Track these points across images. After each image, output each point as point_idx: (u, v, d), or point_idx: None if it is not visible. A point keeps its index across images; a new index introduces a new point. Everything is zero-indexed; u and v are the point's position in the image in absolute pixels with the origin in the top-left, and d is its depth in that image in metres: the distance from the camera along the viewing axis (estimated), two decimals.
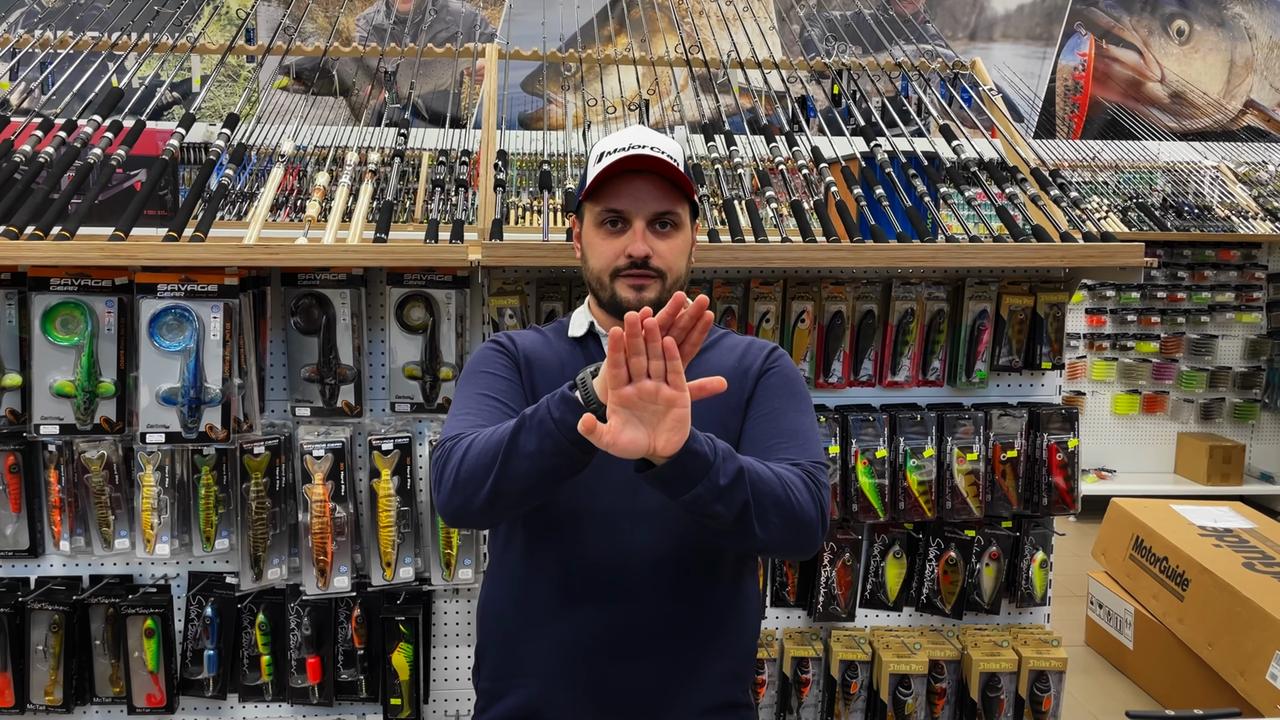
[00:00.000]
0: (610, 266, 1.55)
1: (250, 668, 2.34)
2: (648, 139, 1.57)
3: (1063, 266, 2.42)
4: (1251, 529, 3.78)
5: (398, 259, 2.16)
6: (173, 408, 2.12)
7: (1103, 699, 3.69)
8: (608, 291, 1.57)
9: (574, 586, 1.52)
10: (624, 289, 1.54)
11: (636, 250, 1.53)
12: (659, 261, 1.54)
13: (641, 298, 1.53)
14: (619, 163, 1.53)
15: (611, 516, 1.52)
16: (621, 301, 1.54)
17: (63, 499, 2.22)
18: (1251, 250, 6.00)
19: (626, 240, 1.54)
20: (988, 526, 2.47)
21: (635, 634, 1.51)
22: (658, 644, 1.52)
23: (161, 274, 2.11)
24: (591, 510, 1.52)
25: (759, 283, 2.40)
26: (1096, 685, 3.81)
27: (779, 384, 1.61)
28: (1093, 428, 6.03)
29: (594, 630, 1.51)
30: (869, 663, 2.45)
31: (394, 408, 2.32)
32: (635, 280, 1.54)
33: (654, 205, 1.55)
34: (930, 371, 2.49)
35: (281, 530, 2.30)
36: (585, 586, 1.52)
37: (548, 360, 1.63)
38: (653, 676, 1.52)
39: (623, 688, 1.51)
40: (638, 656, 1.51)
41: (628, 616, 1.51)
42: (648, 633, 1.51)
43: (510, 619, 1.59)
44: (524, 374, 1.61)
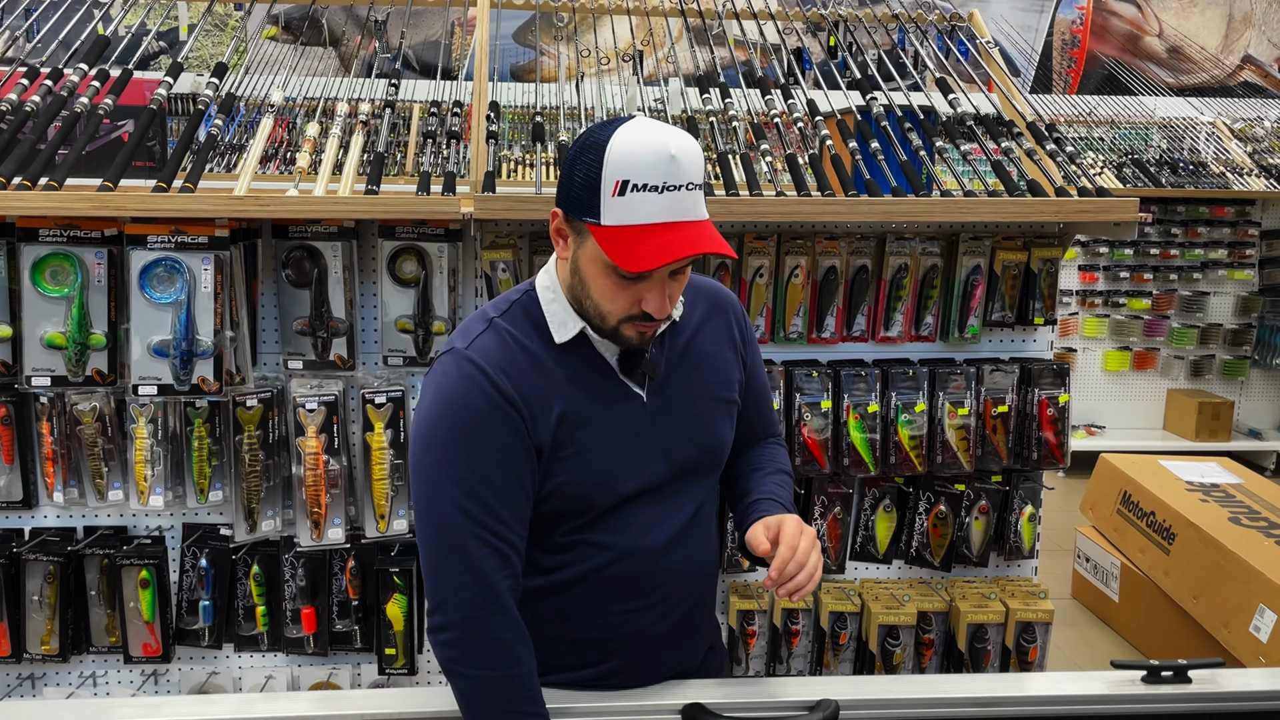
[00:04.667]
0: (622, 314, 1.35)
1: (245, 618, 2.36)
2: (680, 168, 1.28)
3: (1057, 222, 2.42)
4: (1238, 484, 3.82)
5: (390, 211, 2.15)
6: (164, 360, 2.12)
7: (1088, 650, 3.74)
8: (609, 329, 1.38)
9: (627, 587, 1.47)
10: (631, 332, 1.37)
11: (659, 312, 1.34)
12: (670, 306, 1.37)
13: (645, 339, 1.39)
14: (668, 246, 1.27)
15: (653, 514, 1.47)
16: (624, 341, 1.39)
17: (55, 451, 2.22)
18: (1245, 207, 6.00)
19: (643, 291, 1.33)
20: (977, 481, 2.49)
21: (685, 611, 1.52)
22: (700, 612, 1.56)
23: (151, 225, 2.10)
24: (635, 513, 1.46)
25: (753, 237, 2.39)
26: (1082, 637, 3.87)
27: (756, 350, 1.64)
28: (1083, 384, 6.06)
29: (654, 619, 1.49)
30: (858, 614, 2.48)
31: (386, 361, 2.31)
32: (646, 330, 1.38)
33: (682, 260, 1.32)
34: (923, 327, 2.49)
35: (275, 483, 2.30)
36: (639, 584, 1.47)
37: (546, 392, 1.38)
38: (695, 638, 1.57)
39: (673, 663, 1.53)
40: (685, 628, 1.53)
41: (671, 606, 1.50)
42: (694, 607, 1.54)
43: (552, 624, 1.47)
44: (525, 431, 1.36)
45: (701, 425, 1.51)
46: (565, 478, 1.40)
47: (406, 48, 2.64)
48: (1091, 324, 6.07)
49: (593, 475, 1.41)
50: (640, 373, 1.44)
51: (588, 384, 1.41)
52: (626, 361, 1.43)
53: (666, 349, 1.49)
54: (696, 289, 1.58)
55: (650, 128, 1.29)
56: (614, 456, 1.42)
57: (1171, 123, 6.42)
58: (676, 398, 1.48)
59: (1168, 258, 6.01)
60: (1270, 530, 3.34)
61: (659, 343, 1.48)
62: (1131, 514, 3.83)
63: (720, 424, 1.53)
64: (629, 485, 1.44)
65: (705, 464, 1.53)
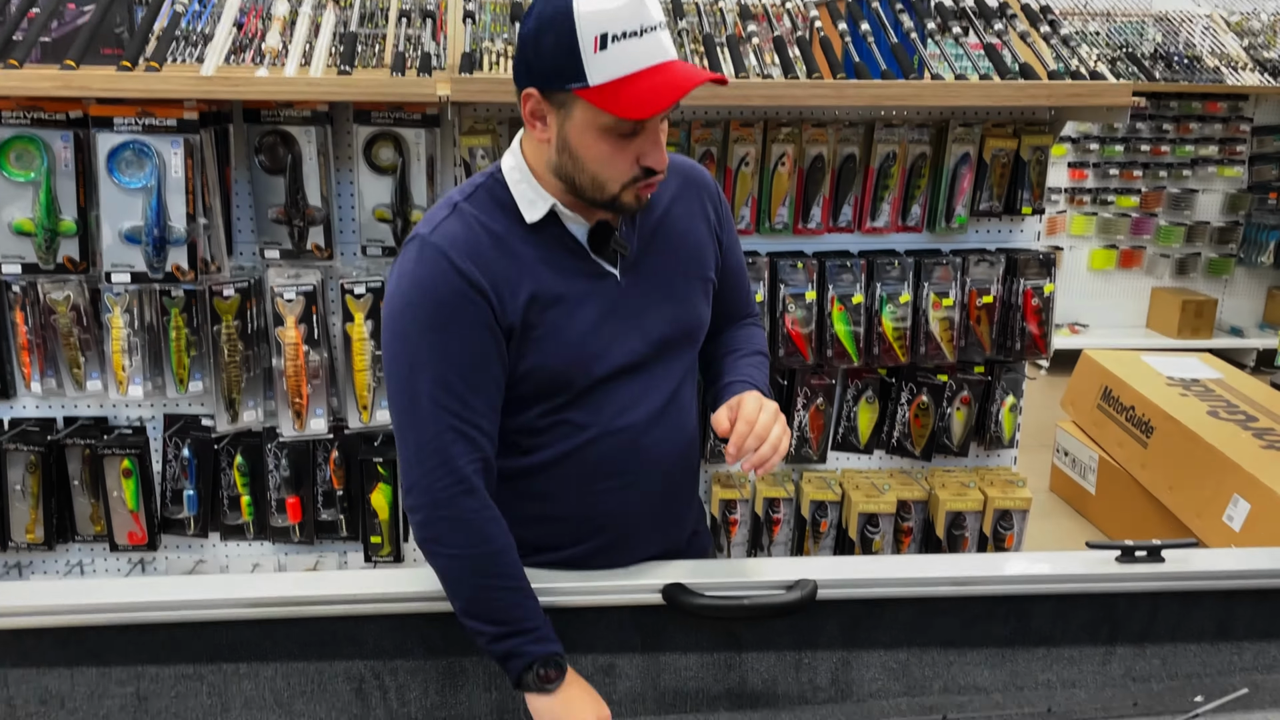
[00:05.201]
0: (625, 178, 1.32)
1: (230, 508, 2.37)
2: (652, 14, 1.26)
3: (1049, 106, 2.37)
4: (1218, 379, 3.85)
5: (363, 93, 2.08)
6: (136, 247, 2.08)
7: (1064, 540, 3.82)
8: (607, 198, 1.34)
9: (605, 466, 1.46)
10: (630, 197, 1.34)
11: (660, 164, 1.32)
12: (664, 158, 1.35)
13: (643, 200, 1.36)
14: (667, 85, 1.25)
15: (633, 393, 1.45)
16: (624, 207, 1.36)
17: (31, 340, 2.19)
18: (1238, 102, 5.91)
19: (641, 147, 1.30)
20: (960, 371, 2.49)
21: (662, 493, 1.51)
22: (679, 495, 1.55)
23: (117, 107, 2.03)
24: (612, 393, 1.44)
25: (738, 124, 2.33)
26: (1058, 527, 3.95)
27: (733, 229, 1.61)
28: (1069, 283, 6.05)
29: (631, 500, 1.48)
30: (839, 503, 2.51)
31: (365, 251, 2.28)
32: (648, 190, 1.35)
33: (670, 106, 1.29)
34: (910, 217, 2.46)
35: (255, 373, 2.29)
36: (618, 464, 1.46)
37: (512, 268, 1.36)
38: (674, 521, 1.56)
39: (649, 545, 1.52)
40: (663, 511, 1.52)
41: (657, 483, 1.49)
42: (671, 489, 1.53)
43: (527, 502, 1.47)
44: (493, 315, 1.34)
45: (677, 303, 1.48)
46: (539, 358, 1.38)
47: None
48: (1079, 222, 6.03)
49: (567, 355, 1.40)
50: (611, 250, 1.42)
51: (558, 264, 1.39)
52: (597, 239, 1.41)
53: (638, 226, 1.46)
54: (671, 169, 1.51)
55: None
56: (588, 335, 1.40)
57: (1168, 15, 6.28)
58: (650, 275, 1.46)
59: (1158, 154, 5.94)
60: (1247, 423, 3.38)
61: (629, 220, 1.45)
62: (1111, 409, 3.87)
63: (696, 301, 1.51)
64: (605, 364, 1.42)
65: (682, 342, 1.51)
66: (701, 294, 1.52)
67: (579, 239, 1.41)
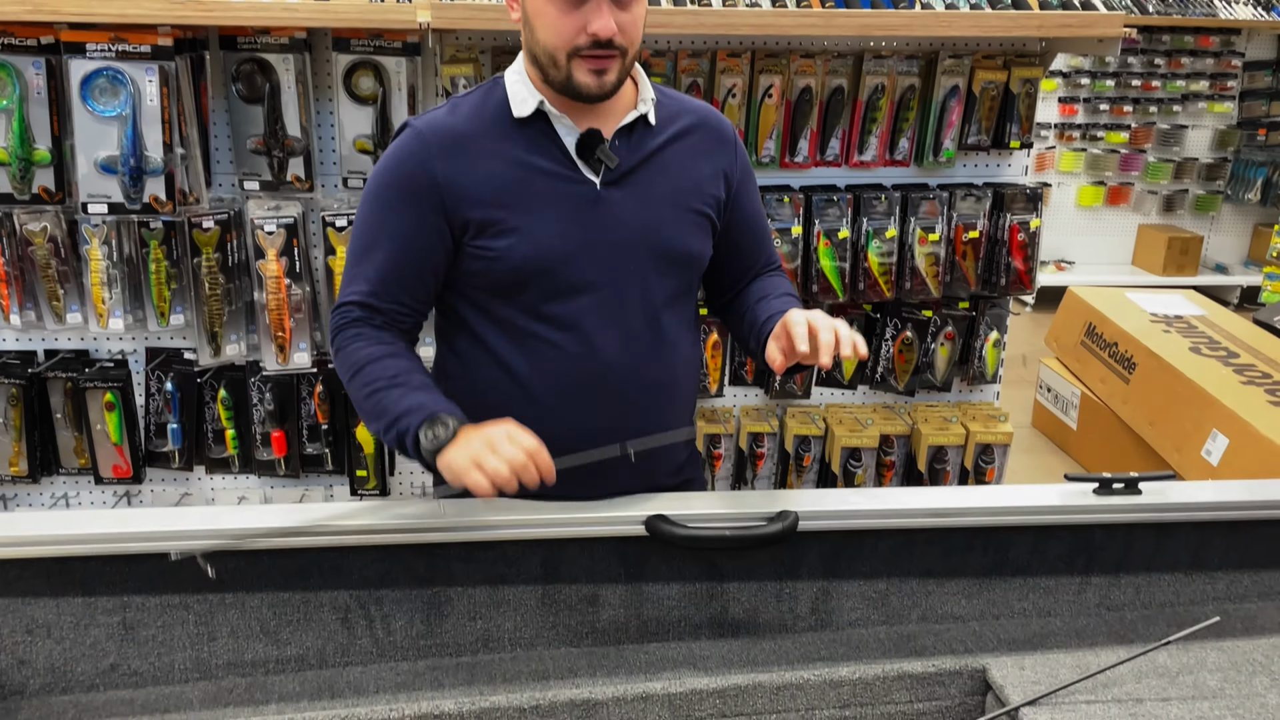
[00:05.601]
0: (569, 45, 1.34)
1: (215, 441, 2.37)
2: None
3: (1039, 37, 2.34)
4: (1201, 315, 3.87)
5: (342, 19, 2.04)
6: (113, 177, 2.04)
7: (1045, 474, 3.87)
8: (562, 72, 1.37)
9: (568, 378, 1.48)
10: (583, 73, 1.35)
11: (603, 29, 1.32)
12: (622, 39, 1.35)
13: (603, 82, 1.37)
14: None
15: (600, 307, 1.47)
16: (579, 86, 1.37)
17: (9, 272, 2.17)
18: (1230, 36, 5.86)
19: (587, 15, 1.32)
20: (945, 307, 2.49)
21: (624, 416, 1.50)
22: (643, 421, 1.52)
23: (90, 32, 1.98)
24: (579, 303, 1.46)
25: (725, 54, 2.30)
26: (1039, 463, 4.00)
27: (752, 184, 1.62)
28: (1056, 220, 6.04)
29: (587, 416, 1.49)
30: (822, 437, 2.53)
31: (346, 183, 2.25)
32: (597, 63, 1.35)
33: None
34: (897, 151, 2.44)
35: (238, 307, 2.27)
36: (580, 377, 1.48)
37: (482, 164, 1.42)
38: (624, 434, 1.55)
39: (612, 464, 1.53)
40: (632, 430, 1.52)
41: (618, 401, 1.50)
42: (636, 413, 1.51)
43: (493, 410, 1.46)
44: (443, 207, 1.42)
45: (660, 226, 1.47)
46: (501, 251, 1.42)
47: None
48: (1068, 158, 6.01)
49: (529, 250, 1.42)
50: (597, 159, 1.42)
51: (537, 163, 1.43)
52: (584, 146, 1.43)
53: (634, 145, 1.46)
54: (688, 107, 1.56)
55: None
56: (554, 237, 1.43)
57: None
58: (636, 192, 1.46)
59: (1149, 89, 5.90)
60: (1229, 359, 3.41)
61: (626, 137, 1.46)
62: (1095, 345, 3.89)
63: (683, 229, 1.50)
64: (571, 270, 1.44)
65: (662, 267, 1.49)
66: (691, 225, 1.51)
67: (567, 144, 1.44)
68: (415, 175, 1.41)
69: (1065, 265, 6.09)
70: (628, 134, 1.46)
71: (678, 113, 1.54)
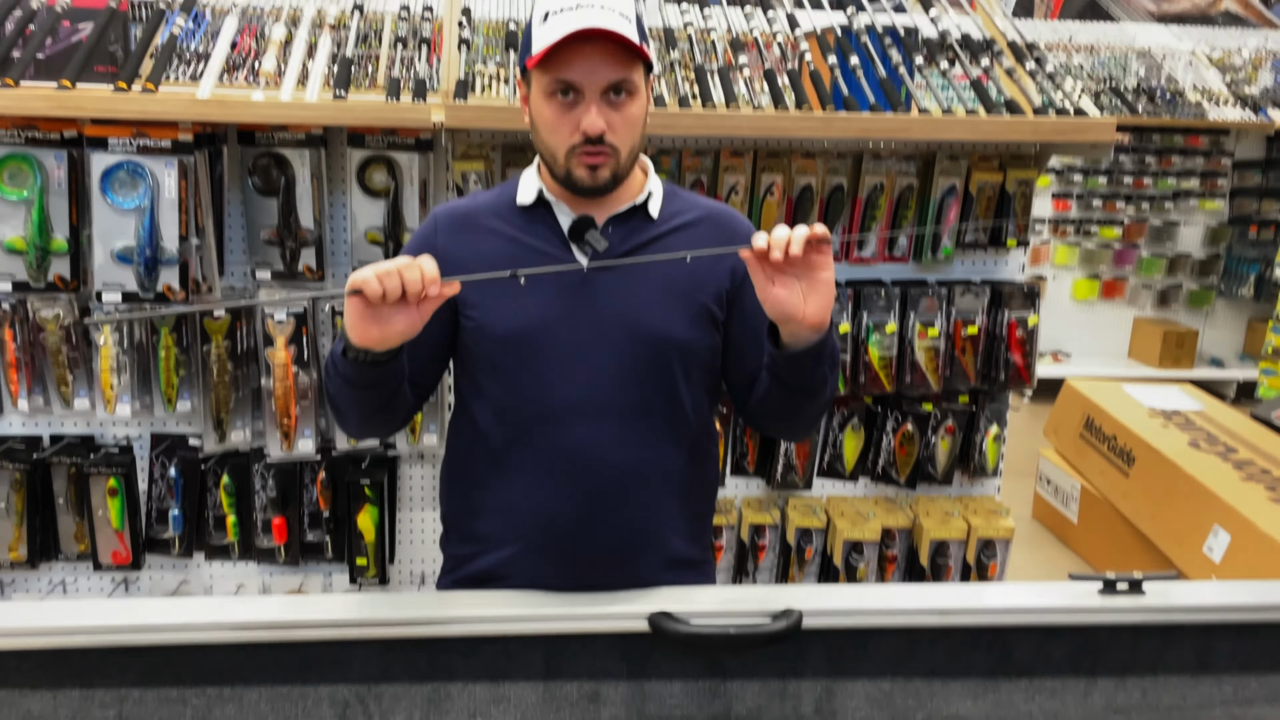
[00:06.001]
0: (566, 144, 1.44)
1: (216, 528, 2.37)
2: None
3: (1034, 141, 2.40)
4: (1199, 410, 3.89)
5: (358, 118, 2.10)
6: (128, 266, 2.08)
7: (1047, 569, 3.84)
8: (562, 168, 1.46)
9: (539, 455, 1.52)
10: (579, 168, 1.44)
11: (591, 128, 1.41)
12: (613, 137, 1.43)
13: (596, 176, 1.45)
14: (569, 35, 1.38)
15: (576, 384, 1.51)
16: (577, 181, 1.46)
17: (19, 358, 2.19)
18: (1219, 137, 6.01)
19: (579, 115, 1.42)
20: (945, 401, 2.51)
21: (602, 500, 1.53)
22: (623, 508, 1.54)
23: (112, 127, 2.04)
24: (555, 378, 1.50)
25: (729, 153, 2.36)
26: (1041, 556, 3.97)
27: None
28: (1052, 312, 6.11)
29: (561, 497, 1.52)
30: (824, 530, 2.52)
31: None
32: (590, 159, 1.44)
33: (607, 75, 1.41)
34: (896, 248, 2.49)
35: (244, 393, 2.29)
36: (550, 454, 1.51)
37: (481, 242, 1.53)
38: (618, 537, 1.55)
39: (589, 549, 1.54)
40: (604, 519, 1.54)
41: (594, 483, 1.52)
42: (614, 496, 1.53)
43: (475, 488, 1.59)
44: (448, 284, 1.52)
45: (643, 310, 1.49)
46: (484, 321, 1.50)
47: None
48: (1063, 252, 6.10)
49: (510, 323, 1.49)
50: (587, 243, 1.48)
51: (530, 243, 1.52)
52: (575, 230, 1.50)
53: (630, 233, 1.52)
54: (698, 204, 1.62)
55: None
56: (531, 310, 1.48)
57: (1151, 51, 6.38)
58: (624, 277, 1.50)
59: (1140, 187, 6.02)
60: (1228, 455, 3.42)
61: (623, 226, 1.52)
62: (1094, 438, 3.90)
63: (670, 315, 1.51)
64: (550, 347, 1.49)
65: (646, 353, 1.51)
66: (682, 312, 1.52)
67: (562, 225, 1.52)
68: (420, 248, 1.53)
69: (1062, 357, 6.13)
70: (625, 223, 1.53)
71: (685, 209, 1.59)
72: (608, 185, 1.46)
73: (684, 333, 1.54)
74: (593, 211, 1.51)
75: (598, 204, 1.52)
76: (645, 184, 1.56)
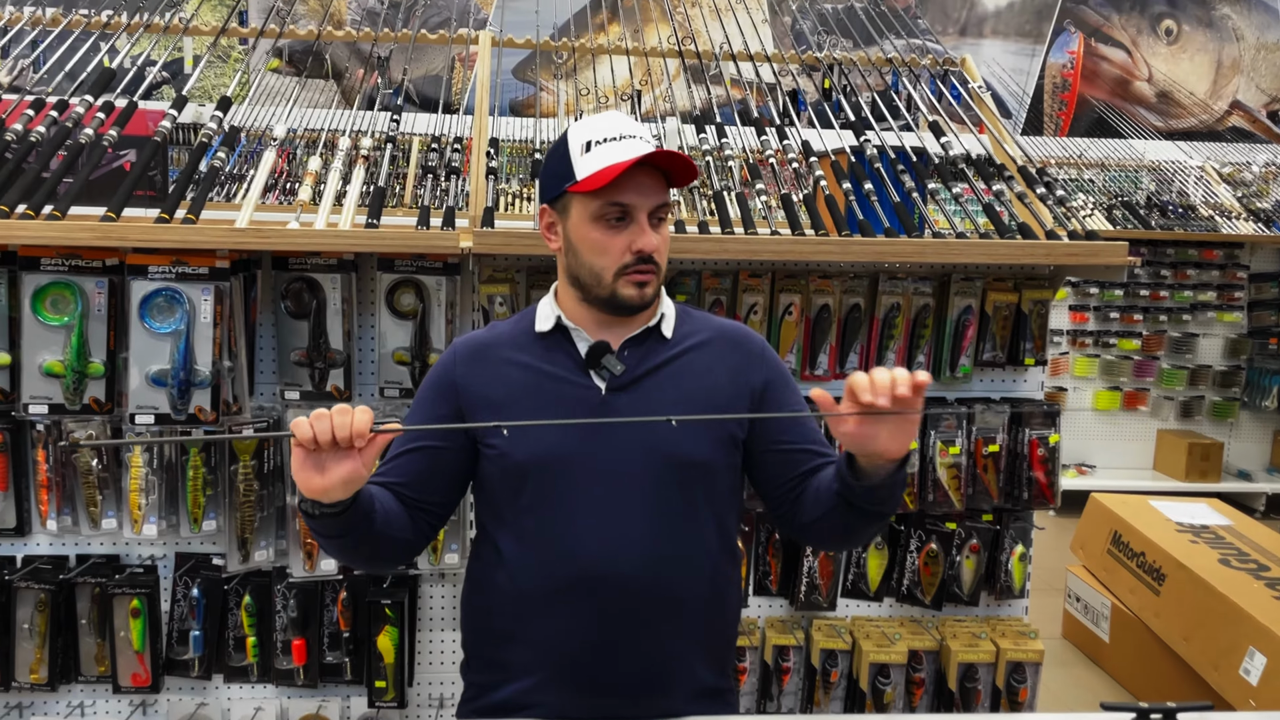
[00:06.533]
0: (616, 264, 1.49)
1: (236, 649, 2.35)
2: (634, 127, 1.52)
3: (1047, 264, 2.45)
4: (1228, 526, 3.83)
5: (389, 245, 2.17)
6: (162, 389, 2.13)
7: (1078, 691, 3.74)
8: (608, 289, 1.51)
9: (561, 583, 1.52)
10: (628, 287, 1.50)
11: (648, 245, 1.48)
12: (659, 256, 1.51)
13: (644, 293, 1.50)
14: (636, 160, 1.45)
15: (597, 511, 1.52)
16: (623, 300, 1.50)
17: (50, 478, 2.22)
18: (1234, 250, 6.06)
19: (632, 235, 1.49)
20: (968, 519, 2.50)
21: (624, 628, 1.52)
22: (645, 636, 1.53)
23: (153, 255, 2.11)
24: (576, 505, 1.52)
25: (747, 275, 2.42)
26: (1072, 678, 3.87)
27: (785, 390, 1.64)
28: (1074, 423, 6.09)
29: (583, 626, 1.51)
30: (849, 652, 2.48)
31: (383, 393, 2.32)
32: (641, 277, 1.49)
33: (656, 198, 1.50)
34: (915, 366, 2.51)
35: (269, 513, 2.31)
36: (572, 582, 1.51)
37: (499, 371, 1.57)
38: (641, 666, 1.54)
39: (611, 678, 1.53)
40: (627, 647, 1.53)
41: (616, 611, 1.51)
42: (636, 626, 1.52)
43: (496, 617, 1.59)
44: (459, 406, 1.58)
45: (665, 433, 1.50)
46: (504, 448, 1.53)
47: (407, 82, 2.67)
48: (1082, 363, 6.11)
49: (529, 449, 1.51)
50: (603, 367, 1.52)
51: (547, 370, 1.56)
52: (592, 355, 1.54)
53: (645, 355, 1.55)
54: (711, 324, 1.66)
55: (599, 113, 1.55)
56: (552, 437, 1.51)
57: (1161, 166, 6.50)
58: (643, 400, 1.53)
59: (1157, 299, 6.06)
60: (1259, 572, 3.36)
61: (637, 348, 1.55)
62: (1122, 554, 3.84)
63: (689, 435, 1.52)
64: (569, 472, 1.51)
65: (665, 474, 1.52)
66: (704, 436, 1.55)
67: (580, 351, 1.56)
68: (440, 379, 1.60)
69: (1086, 469, 6.08)
70: (639, 345, 1.56)
71: (698, 329, 1.64)
72: (649, 302, 1.53)
73: (704, 454, 1.55)
74: (609, 336, 1.56)
75: (614, 328, 1.56)
76: (659, 306, 1.60)
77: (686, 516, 1.55)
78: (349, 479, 1.33)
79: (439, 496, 1.59)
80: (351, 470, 1.32)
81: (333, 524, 1.40)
